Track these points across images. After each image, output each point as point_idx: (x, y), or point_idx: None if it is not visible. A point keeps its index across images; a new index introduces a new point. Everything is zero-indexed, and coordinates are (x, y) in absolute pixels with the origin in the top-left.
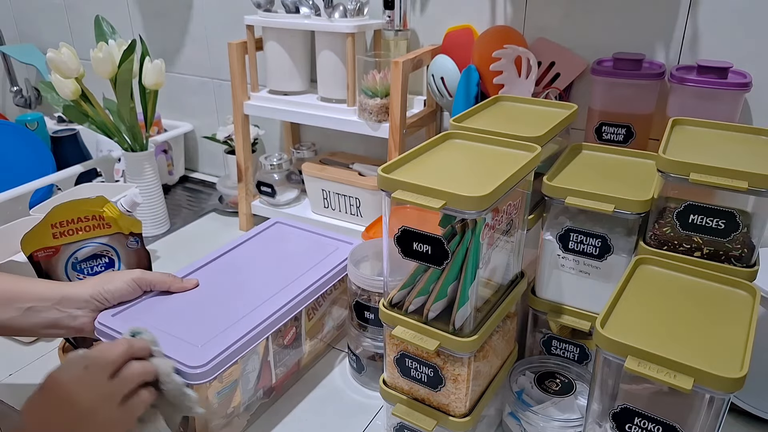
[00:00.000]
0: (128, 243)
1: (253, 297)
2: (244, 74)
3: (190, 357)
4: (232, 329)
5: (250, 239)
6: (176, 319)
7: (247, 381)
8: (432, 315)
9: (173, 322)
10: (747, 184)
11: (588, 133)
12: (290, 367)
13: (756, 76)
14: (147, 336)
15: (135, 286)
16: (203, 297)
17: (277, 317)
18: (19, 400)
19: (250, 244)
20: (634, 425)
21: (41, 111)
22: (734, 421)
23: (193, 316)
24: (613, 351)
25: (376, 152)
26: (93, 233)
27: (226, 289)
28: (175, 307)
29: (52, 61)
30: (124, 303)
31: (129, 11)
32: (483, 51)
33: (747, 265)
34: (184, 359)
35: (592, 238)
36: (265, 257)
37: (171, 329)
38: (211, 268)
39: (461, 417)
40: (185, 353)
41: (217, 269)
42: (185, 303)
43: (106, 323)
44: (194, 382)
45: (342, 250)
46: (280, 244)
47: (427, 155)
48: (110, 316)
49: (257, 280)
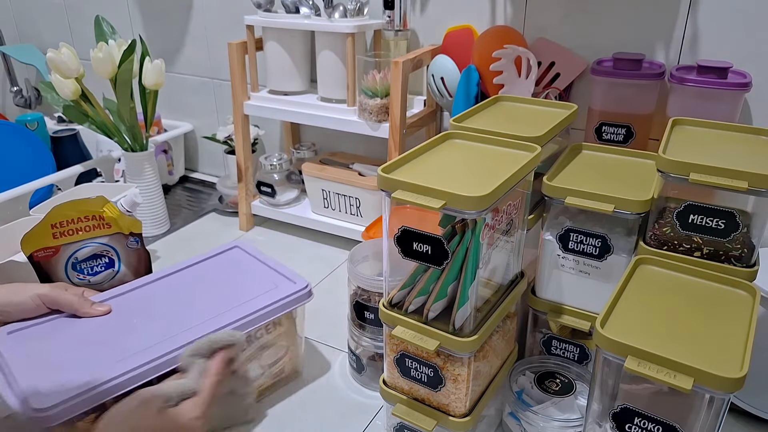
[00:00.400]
0: (128, 243)
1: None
2: (244, 74)
3: (42, 396)
4: (105, 372)
5: (199, 263)
6: (64, 349)
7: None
8: (432, 315)
9: (59, 352)
10: (747, 184)
11: (588, 133)
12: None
13: (756, 76)
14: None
15: (39, 302)
16: (109, 326)
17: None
18: None
19: (198, 268)
20: (634, 425)
21: (41, 111)
22: (734, 421)
23: (82, 349)
24: (613, 351)
25: (376, 152)
26: (93, 233)
27: (138, 320)
28: (75, 334)
29: (52, 61)
30: (29, 319)
31: (129, 11)
32: (483, 51)
33: (747, 265)
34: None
35: (592, 238)
36: (200, 286)
37: (52, 360)
38: (141, 291)
39: (461, 417)
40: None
41: (145, 293)
42: (89, 330)
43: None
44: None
45: (282, 288)
46: (225, 272)
47: (427, 155)
48: (6, 333)
49: (176, 313)
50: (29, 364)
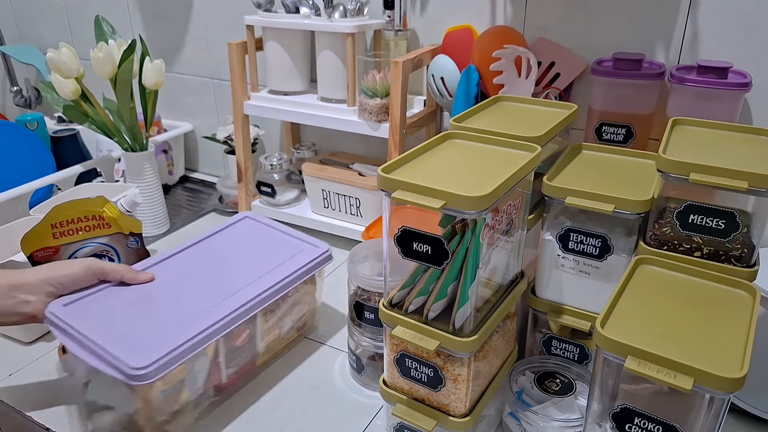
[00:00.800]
0: (128, 243)
1: (209, 295)
2: (244, 74)
3: (135, 356)
4: (182, 330)
5: (216, 233)
6: (128, 314)
7: (194, 381)
8: (432, 315)
9: (125, 317)
10: (747, 184)
11: (588, 133)
12: (243, 366)
13: (756, 76)
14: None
15: (89, 272)
16: (160, 292)
17: (230, 320)
18: (19, 400)
19: (216, 238)
20: (634, 425)
21: (41, 111)
22: (734, 421)
23: (146, 312)
24: (613, 351)
25: (376, 152)
26: (93, 233)
27: (184, 285)
28: (129, 300)
29: (52, 61)
30: (79, 291)
31: (129, 11)
32: (483, 51)
33: (747, 265)
34: (128, 358)
35: (592, 238)
36: (227, 254)
37: (121, 324)
38: (173, 260)
39: (461, 417)
40: (130, 352)
41: (179, 262)
42: (141, 297)
43: (56, 313)
44: (132, 383)
45: (307, 252)
46: (245, 240)
47: (427, 155)
48: (62, 305)
49: (216, 278)
50: (103, 330)
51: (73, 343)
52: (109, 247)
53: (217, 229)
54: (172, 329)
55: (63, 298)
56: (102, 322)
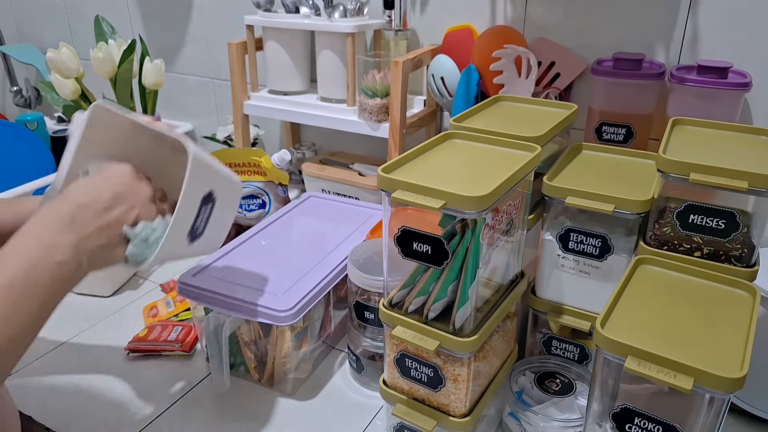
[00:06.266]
0: (278, 191)
1: (311, 256)
2: (244, 74)
3: (277, 303)
4: (304, 280)
5: (291, 210)
6: (252, 275)
7: (313, 328)
8: (432, 315)
9: (251, 277)
10: (747, 184)
11: (588, 133)
12: (341, 319)
13: (756, 76)
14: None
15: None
16: (268, 256)
17: (338, 271)
18: (19, 400)
19: (293, 213)
20: (634, 425)
21: (41, 111)
22: (734, 421)
23: (265, 273)
24: (613, 351)
25: (376, 152)
26: (252, 177)
27: (286, 249)
28: (247, 265)
29: (52, 61)
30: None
31: (129, 11)
32: (483, 51)
33: (747, 265)
34: (273, 305)
35: (592, 238)
36: (310, 224)
37: (251, 282)
38: (263, 234)
39: (461, 417)
40: (271, 300)
41: (269, 234)
42: (255, 262)
43: (189, 282)
44: (281, 324)
45: (376, 216)
46: (320, 213)
47: (427, 155)
48: (191, 276)
49: (310, 243)
50: (236, 287)
51: (214, 303)
52: (263, 191)
53: (291, 206)
54: (296, 280)
55: (191, 269)
56: (231, 282)
